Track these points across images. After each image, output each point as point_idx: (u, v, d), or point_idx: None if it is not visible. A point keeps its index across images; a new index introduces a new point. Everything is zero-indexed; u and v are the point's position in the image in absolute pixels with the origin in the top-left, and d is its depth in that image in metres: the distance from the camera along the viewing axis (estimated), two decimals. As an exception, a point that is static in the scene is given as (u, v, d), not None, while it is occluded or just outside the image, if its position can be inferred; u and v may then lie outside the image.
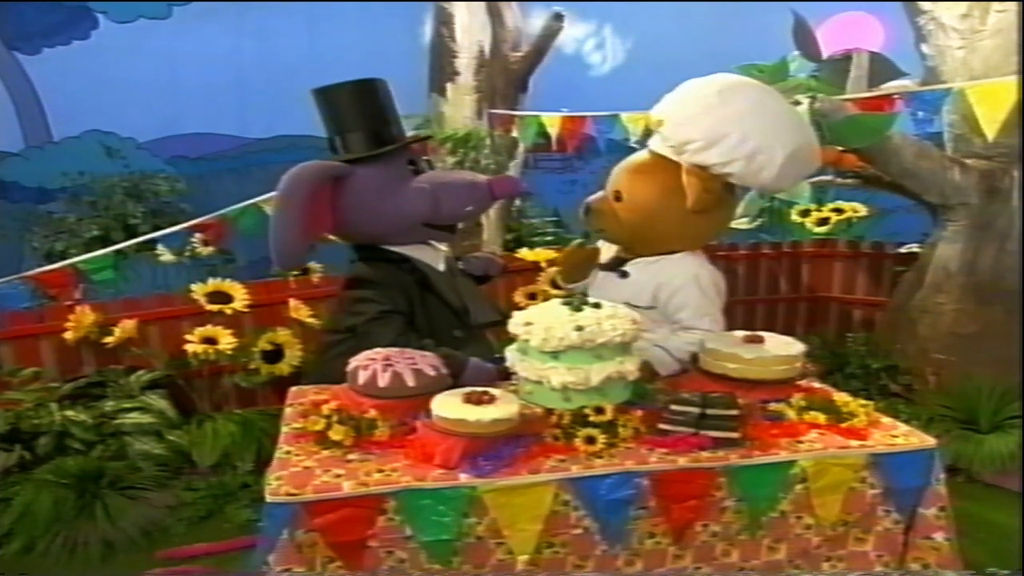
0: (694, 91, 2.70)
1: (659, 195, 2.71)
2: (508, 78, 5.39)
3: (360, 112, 2.71)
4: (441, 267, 2.83)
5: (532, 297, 4.30)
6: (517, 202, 5.80)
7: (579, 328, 2.02)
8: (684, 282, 2.69)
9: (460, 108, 5.15)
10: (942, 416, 3.96)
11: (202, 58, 7.32)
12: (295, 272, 4.84)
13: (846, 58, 3.65)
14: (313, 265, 4.94)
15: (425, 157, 3.01)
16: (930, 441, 2.15)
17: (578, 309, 2.09)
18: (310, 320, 4.17)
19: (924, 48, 3.92)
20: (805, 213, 6.62)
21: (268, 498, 1.81)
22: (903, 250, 5.03)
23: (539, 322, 2.10)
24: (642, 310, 2.48)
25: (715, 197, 2.62)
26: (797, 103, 3.28)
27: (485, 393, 2.02)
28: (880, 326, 4.71)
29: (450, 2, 4.92)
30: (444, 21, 5.03)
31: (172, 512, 3.40)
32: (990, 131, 2.91)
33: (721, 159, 2.54)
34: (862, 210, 5.63)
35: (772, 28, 6.10)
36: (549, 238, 5.91)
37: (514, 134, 5.28)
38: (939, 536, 2.13)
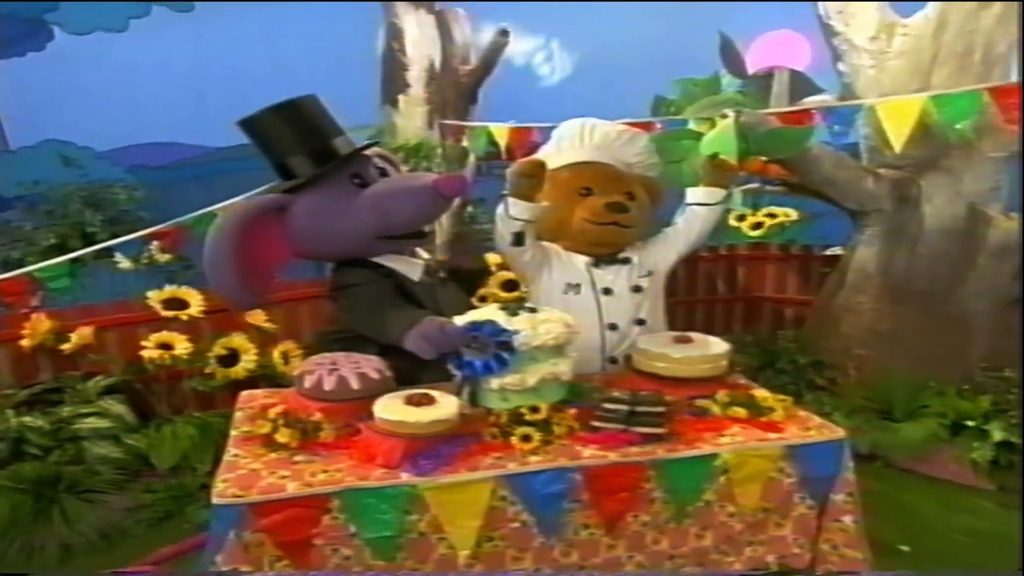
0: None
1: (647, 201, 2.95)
2: (458, 90, 5.41)
3: (289, 136, 2.55)
4: (416, 276, 2.68)
5: (483, 300, 4.31)
6: (469, 208, 5.80)
7: (514, 332, 2.05)
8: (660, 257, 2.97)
9: (412, 119, 5.15)
10: (862, 407, 4.07)
11: (162, 69, 7.20)
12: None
13: (769, 75, 3.74)
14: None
15: (381, 165, 2.76)
16: (839, 433, 2.23)
17: (514, 314, 2.12)
18: (266, 325, 4.15)
19: (840, 66, 4.04)
20: (741, 218, 6.77)
21: (215, 500, 1.80)
22: (828, 253, 5.17)
23: (478, 327, 2.13)
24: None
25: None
26: (725, 116, 3.35)
27: (425, 395, 2.04)
28: (807, 324, 4.83)
29: (400, 17, 4.91)
30: (395, 36, 5.02)
31: (131, 514, 3.34)
32: (897, 144, 3.01)
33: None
34: (793, 215, 5.77)
35: (714, 42, 6.27)
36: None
37: (465, 144, 5.29)
38: (847, 519, 2.21)
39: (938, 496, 3.58)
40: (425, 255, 2.83)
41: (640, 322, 2.79)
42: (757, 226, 6.40)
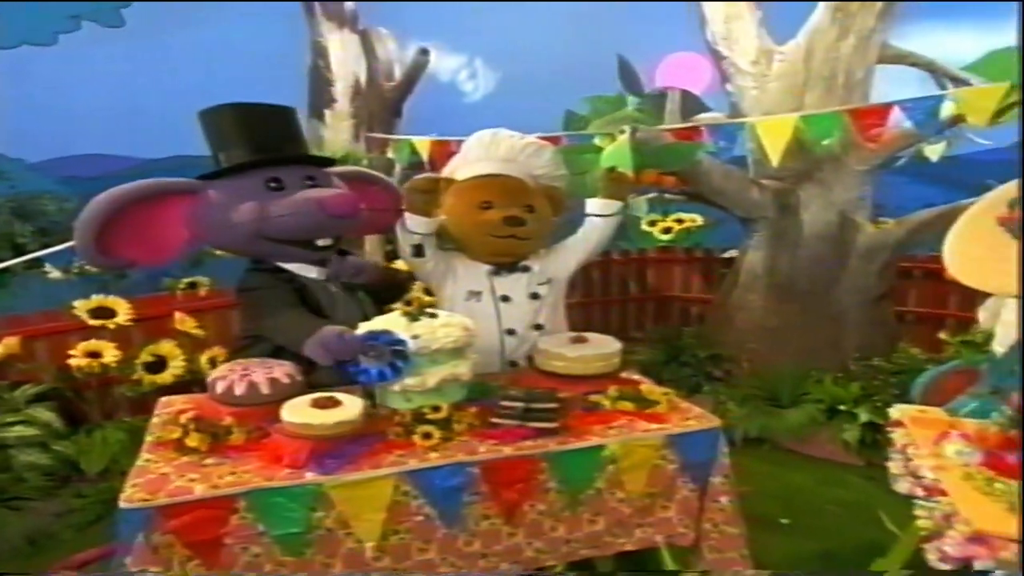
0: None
1: (550, 211, 2.93)
2: (383, 105, 5.38)
3: (231, 132, 2.52)
4: (319, 284, 2.61)
5: (408, 304, 4.29)
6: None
7: (415, 337, 2.06)
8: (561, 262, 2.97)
9: (338, 132, 5.10)
10: (753, 396, 4.23)
11: (95, 82, 6.94)
12: (182, 286, 4.68)
13: (662, 94, 3.85)
14: (200, 279, 4.80)
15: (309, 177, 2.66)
16: (716, 421, 2.29)
17: (415, 319, 2.13)
18: (196, 331, 4.05)
19: (728, 87, 4.18)
20: (653, 223, 6.95)
21: (122, 504, 1.75)
22: (725, 255, 5.34)
23: (381, 332, 2.13)
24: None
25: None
26: (623, 132, 3.43)
27: (331, 398, 2.03)
28: (706, 321, 4.97)
29: (325, 36, 4.86)
30: (319, 53, 4.96)
31: (60, 519, 3.22)
32: (774, 158, 3.12)
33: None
34: (699, 220, 5.95)
35: (634, 57, 6.38)
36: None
37: (390, 155, 5.27)
38: (724, 499, 2.28)
39: (816, 473, 3.74)
40: (355, 261, 2.80)
41: (538, 327, 2.80)
42: (667, 231, 6.60)
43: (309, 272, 2.62)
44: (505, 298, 2.79)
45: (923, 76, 3.95)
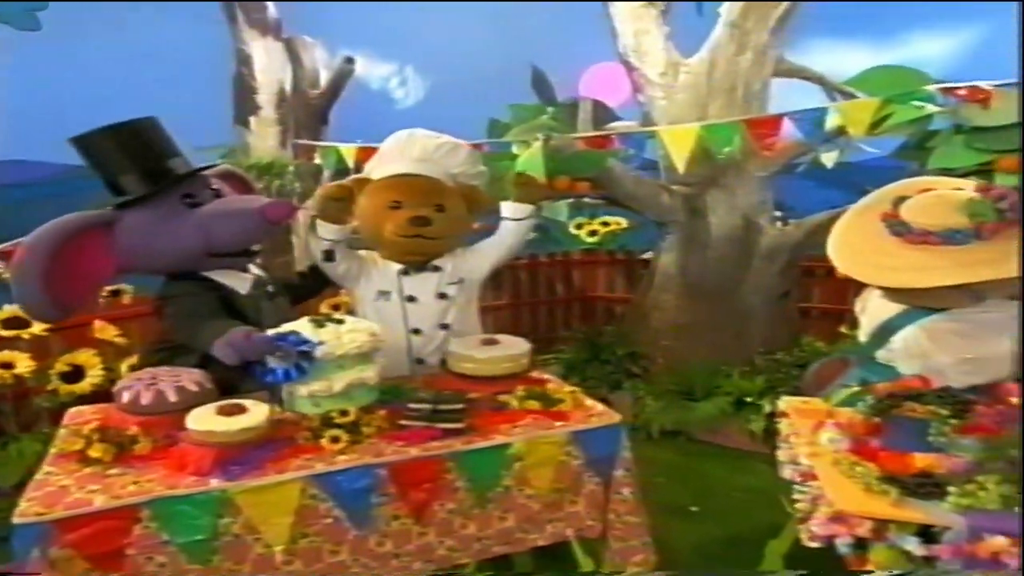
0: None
1: (464, 210, 2.90)
2: (309, 112, 5.33)
3: (122, 156, 2.47)
4: (245, 290, 2.61)
5: (336, 308, 4.26)
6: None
7: (320, 343, 2.06)
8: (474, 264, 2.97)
9: (264, 139, 5.02)
10: (668, 390, 4.34)
11: (16, 86, 6.65)
12: (105, 294, 4.53)
13: (574, 104, 3.93)
14: (124, 287, 4.65)
15: (217, 186, 2.69)
16: (617, 417, 2.35)
17: (321, 325, 2.13)
18: (118, 339, 3.93)
19: (640, 97, 4.29)
20: (579, 226, 7.05)
21: (16, 520, 1.70)
22: (643, 257, 5.47)
23: (289, 338, 2.12)
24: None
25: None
26: (537, 139, 3.48)
27: (236, 405, 2.01)
28: (625, 320, 5.08)
29: (248, 44, 4.79)
30: (243, 61, 4.88)
31: (-30, 534, 3.07)
32: (679, 165, 3.22)
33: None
34: (624, 223, 6.05)
35: (562, 65, 6.47)
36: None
37: (318, 161, 5.22)
38: (626, 491, 2.33)
39: (725, 462, 3.87)
40: (255, 270, 2.77)
41: (444, 326, 2.80)
42: (593, 233, 6.71)
43: (233, 279, 2.61)
44: (411, 298, 2.79)
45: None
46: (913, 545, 1.61)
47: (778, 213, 4.85)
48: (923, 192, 2.16)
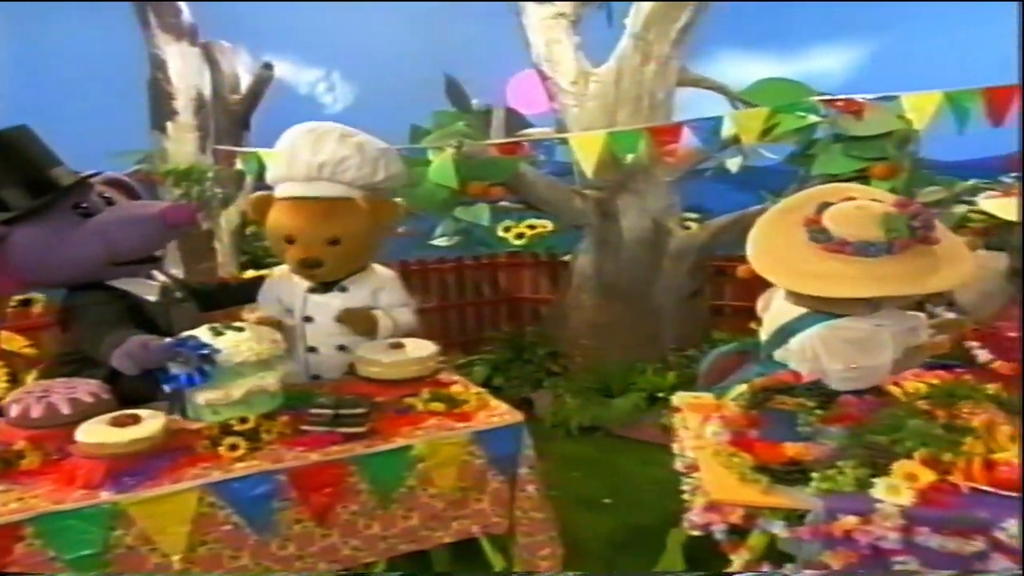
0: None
1: (368, 228, 2.74)
2: (230, 118, 5.19)
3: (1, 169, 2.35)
4: (152, 298, 2.54)
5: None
6: (252, 227, 5.58)
7: (216, 351, 2.02)
8: (386, 284, 2.87)
9: (182, 144, 4.86)
10: (587, 388, 4.41)
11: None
12: (14, 303, 4.33)
13: (488, 111, 3.96)
14: (36, 296, 4.45)
15: (108, 194, 2.57)
16: (519, 417, 2.37)
17: (220, 333, 2.09)
18: (26, 351, 3.76)
19: (554, 105, 4.36)
20: (507, 229, 7.08)
21: None
22: (565, 259, 5.54)
23: (187, 347, 2.07)
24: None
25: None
26: (451, 146, 3.50)
27: (131, 415, 1.96)
28: (547, 320, 5.14)
29: (161, 48, 4.64)
30: (158, 66, 4.72)
31: None
32: (588, 171, 3.28)
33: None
34: (550, 226, 6.10)
35: (489, 72, 6.47)
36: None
37: (239, 167, 5.09)
38: (531, 488, 2.37)
39: (639, 455, 3.95)
40: (161, 276, 2.69)
41: (342, 348, 2.72)
42: (520, 236, 6.74)
43: (139, 286, 2.53)
44: (308, 318, 2.74)
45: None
46: (780, 529, 1.69)
47: (695, 216, 4.99)
48: (846, 200, 2.25)
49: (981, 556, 1.59)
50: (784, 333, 2.33)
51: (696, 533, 1.83)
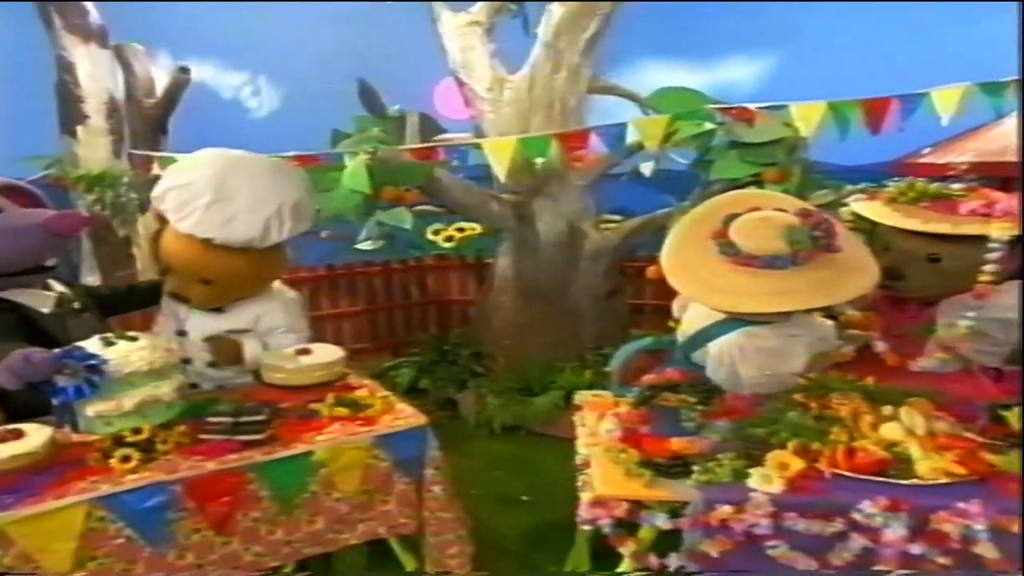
0: (188, 175, 2.56)
1: (242, 264, 2.61)
2: (145, 122, 5.01)
3: None
4: (47, 309, 2.41)
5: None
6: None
7: (105, 361, 1.95)
8: (271, 310, 2.76)
9: (94, 149, 4.67)
10: (509, 387, 4.44)
11: None
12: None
13: (402, 116, 3.94)
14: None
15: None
16: (423, 420, 2.37)
17: (111, 343, 2.01)
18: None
19: (470, 111, 4.37)
20: (436, 232, 7.04)
21: None
22: (488, 261, 5.55)
23: (77, 359, 1.99)
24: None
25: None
26: (366, 151, 3.46)
27: (13, 431, 1.87)
28: (470, 322, 5.15)
29: (68, 51, 4.44)
30: (66, 68, 4.52)
31: None
32: (501, 175, 3.30)
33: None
34: (478, 228, 6.09)
35: (417, 77, 6.41)
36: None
37: (156, 172, 4.93)
38: (437, 489, 2.37)
39: (558, 452, 3.96)
40: (60, 287, 2.57)
41: (213, 365, 2.66)
42: (449, 239, 6.73)
43: (32, 297, 2.41)
44: (182, 332, 2.69)
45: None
46: (662, 521, 1.74)
47: (618, 218, 5.07)
48: (752, 210, 2.28)
49: (841, 536, 1.68)
50: (703, 337, 2.36)
51: (587, 528, 1.87)
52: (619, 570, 1.95)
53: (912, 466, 1.72)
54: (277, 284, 2.87)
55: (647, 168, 4.40)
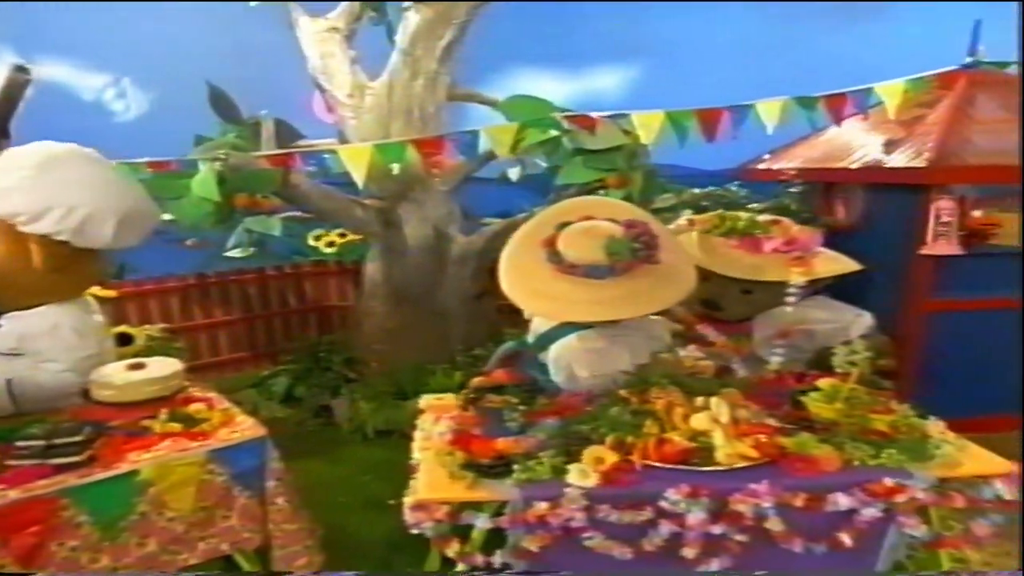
0: (14, 162, 2.39)
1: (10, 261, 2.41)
2: (-17, 125, 4.57)
3: None
4: None
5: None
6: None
7: None
8: (42, 332, 2.49)
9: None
10: (382, 392, 4.36)
11: None
12: None
13: (258, 123, 3.79)
14: None
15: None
16: (261, 431, 2.28)
17: None
18: None
19: (333, 117, 4.26)
20: (318, 238, 6.82)
21: None
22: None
23: None
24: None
25: (63, 259, 2.42)
26: (218, 159, 3.29)
27: None
28: (344, 327, 5.03)
29: None
30: None
31: None
32: (358, 181, 3.22)
33: (52, 229, 2.35)
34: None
35: (286, 82, 6.16)
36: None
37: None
38: (281, 501, 2.29)
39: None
40: None
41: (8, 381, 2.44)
42: (331, 244, 6.54)
43: None
44: None
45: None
46: (483, 522, 1.74)
47: (499, 220, 5.06)
48: (584, 218, 2.31)
49: (652, 524, 1.73)
50: (544, 340, 2.39)
51: (417, 532, 1.84)
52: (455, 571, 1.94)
53: (713, 453, 1.80)
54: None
55: (514, 173, 4.45)
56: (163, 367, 2.43)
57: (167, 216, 3.47)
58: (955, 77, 3.61)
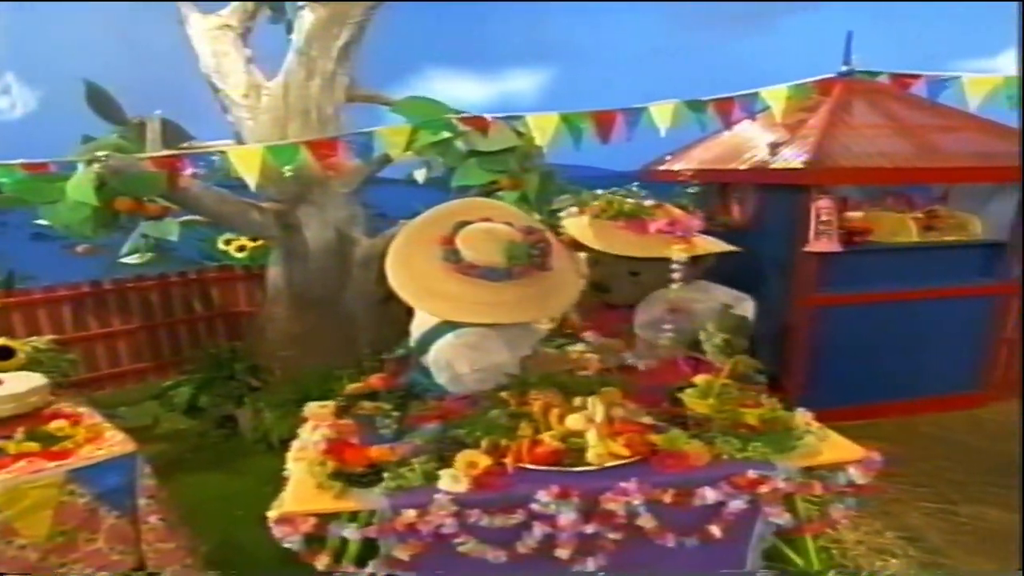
0: None
1: None
2: None
3: None
4: None
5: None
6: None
7: None
8: None
9: None
10: (286, 400, 4.19)
11: None
12: None
13: (143, 123, 3.59)
14: None
15: None
16: (129, 447, 2.15)
17: None
18: None
19: (228, 117, 4.09)
20: (228, 242, 6.56)
21: None
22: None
23: None
24: None
25: None
26: (97, 160, 3.09)
27: None
28: (247, 335, 4.84)
29: None
30: None
31: None
32: (250, 183, 3.08)
33: None
34: (270, 239, 5.72)
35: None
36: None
37: None
38: (154, 519, 2.17)
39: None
40: None
41: None
42: (242, 249, 6.30)
43: None
44: None
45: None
46: (350, 532, 1.67)
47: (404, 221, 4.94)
48: (483, 219, 2.27)
49: (525, 526, 1.71)
50: (424, 342, 2.35)
51: (287, 545, 1.76)
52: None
53: (584, 454, 1.80)
54: None
55: (420, 175, 4.38)
56: (20, 383, 2.26)
57: (42, 221, 3.24)
58: (832, 84, 3.77)
